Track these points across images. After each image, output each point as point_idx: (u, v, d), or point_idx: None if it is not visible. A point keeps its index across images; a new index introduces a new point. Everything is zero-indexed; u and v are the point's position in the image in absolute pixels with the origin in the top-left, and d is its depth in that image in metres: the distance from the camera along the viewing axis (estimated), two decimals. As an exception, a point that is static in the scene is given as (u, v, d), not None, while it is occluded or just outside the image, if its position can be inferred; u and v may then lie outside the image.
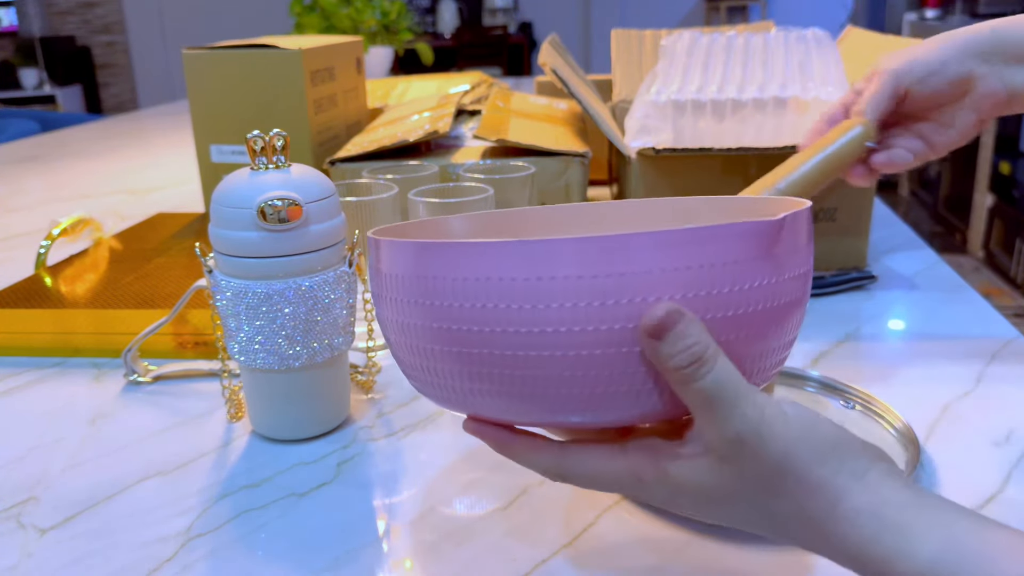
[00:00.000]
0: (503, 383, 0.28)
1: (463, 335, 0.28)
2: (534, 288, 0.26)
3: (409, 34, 1.77)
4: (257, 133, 0.42)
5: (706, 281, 0.26)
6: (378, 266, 0.31)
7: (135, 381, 0.54)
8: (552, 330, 0.26)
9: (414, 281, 0.29)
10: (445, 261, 0.28)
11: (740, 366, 0.27)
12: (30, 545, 0.38)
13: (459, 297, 0.27)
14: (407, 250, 0.29)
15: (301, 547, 0.37)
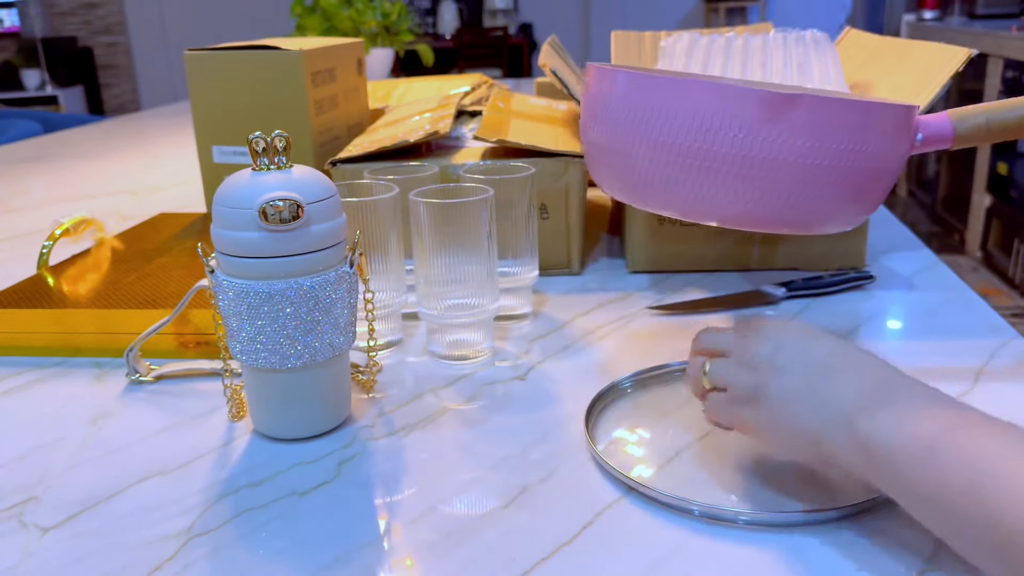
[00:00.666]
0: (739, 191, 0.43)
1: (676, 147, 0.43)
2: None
3: (410, 35, 1.78)
4: (259, 134, 0.43)
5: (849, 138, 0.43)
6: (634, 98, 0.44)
7: (137, 381, 0.54)
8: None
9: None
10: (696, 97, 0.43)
11: (850, 201, 0.45)
12: (31, 544, 0.38)
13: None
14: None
15: (302, 546, 0.38)
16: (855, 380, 0.36)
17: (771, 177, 0.42)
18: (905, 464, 0.32)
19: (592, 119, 0.48)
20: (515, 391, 0.52)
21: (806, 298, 0.65)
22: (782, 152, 0.41)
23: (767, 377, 0.37)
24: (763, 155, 0.41)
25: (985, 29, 2.65)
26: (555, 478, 0.42)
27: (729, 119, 0.41)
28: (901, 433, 0.33)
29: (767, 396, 0.37)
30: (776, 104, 0.41)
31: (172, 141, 1.49)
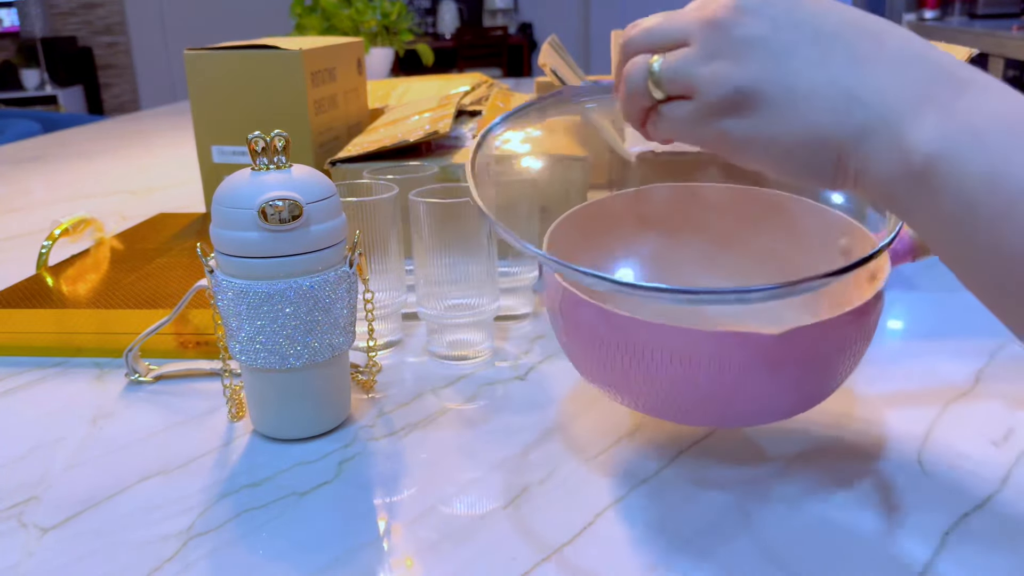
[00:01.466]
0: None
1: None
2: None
3: (409, 35, 1.78)
4: (258, 134, 0.42)
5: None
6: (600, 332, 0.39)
7: (136, 381, 0.54)
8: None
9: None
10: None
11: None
12: (31, 544, 0.38)
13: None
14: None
15: (302, 546, 0.38)
16: (900, 65, 0.25)
17: (774, 405, 0.39)
18: (987, 207, 0.23)
19: (557, 320, 0.42)
20: (515, 391, 0.51)
21: (807, 298, 0.64)
22: (780, 388, 0.38)
23: (763, 67, 0.26)
24: (764, 393, 0.38)
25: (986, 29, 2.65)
26: (555, 478, 0.42)
27: (709, 364, 0.36)
28: (985, 158, 0.23)
29: (765, 95, 0.26)
30: (769, 350, 0.36)
31: (172, 141, 1.49)
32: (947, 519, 0.38)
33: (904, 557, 0.35)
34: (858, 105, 0.26)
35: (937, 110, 0.25)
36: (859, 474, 0.42)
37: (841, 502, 0.39)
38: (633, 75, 0.30)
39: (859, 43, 0.26)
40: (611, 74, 0.96)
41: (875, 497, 0.40)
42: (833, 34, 0.26)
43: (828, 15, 0.27)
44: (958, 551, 0.36)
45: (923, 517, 0.38)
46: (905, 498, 0.39)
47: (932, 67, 0.26)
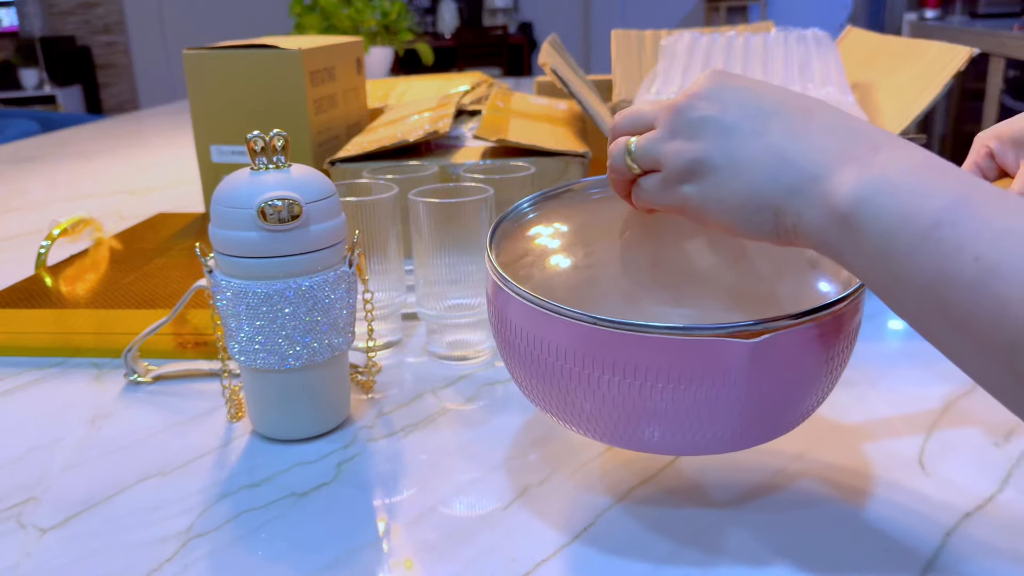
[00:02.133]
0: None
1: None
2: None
3: (409, 34, 1.77)
4: (257, 133, 0.42)
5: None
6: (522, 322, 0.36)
7: (135, 381, 0.54)
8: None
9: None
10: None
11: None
12: (30, 545, 0.38)
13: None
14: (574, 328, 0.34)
15: (301, 547, 0.38)
16: (825, 133, 0.30)
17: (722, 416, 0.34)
18: (901, 242, 0.26)
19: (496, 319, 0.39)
20: (515, 392, 0.51)
21: (807, 298, 0.64)
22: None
23: (713, 141, 0.31)
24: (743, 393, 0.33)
25: (987, 28, 2.65)
26: (555, 479, 0.42)
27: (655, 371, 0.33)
28: (897, 201, 0.27)
29: (713, 163, 0.31)
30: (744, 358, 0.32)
31: (171, 141, 1.49)
32: (948, 519, 0.38)
33: (906, 556, 0.35)
34: (789, 167, 0.30)
35: (856, 165, 0.29)
36: (859, 474, 0.41)
37: (842, 501, 0.39)
38: (615, 155, 0.36)
39: (792, 118, 0.31)
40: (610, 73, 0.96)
41: (876, 497, 0.39)
42: (772, 112, 0.31)
43: (768, 96, 0.32)
44: (960, 551, 0.36)
45: (924, 517, 0.38)
46: (906, 498, 0.39)
47: (852, 133, 0.30)
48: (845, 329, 0.35)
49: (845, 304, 0.34)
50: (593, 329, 0.33)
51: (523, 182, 0.59)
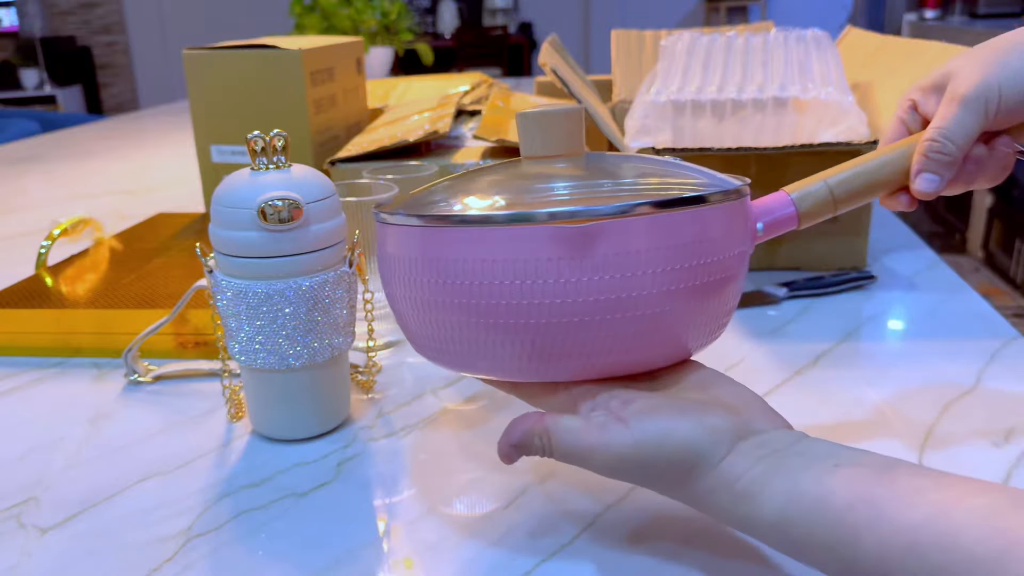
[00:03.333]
0: (505, 346, 0.34)
1: (472, 308, 0.33)
2: (520, 268, 0.32)
3: (409, 34, 1.77)
4: (257, 133, 0.42)
5: (672, 257, 0.33)
6: (386, 250, 0.36)
7: (135, 381, 0.54)
8: (537, 302, 0.32)
9: (428, 263, 0.34)
10: (455, 245, 0.33)
11: (698, 325, 0.35)
12: (30, 545, 0.38)
13: (473, 276, 0.33)
14: (416, 235, 0.34)
15: (301, 547, 0.38)
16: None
17: (588, 324, 0.32)
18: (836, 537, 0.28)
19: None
20: (515, 391, 0.51)
21: (807, 298, 0.64)
22: (594, 293, 0.32)
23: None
24: (575, 299, 0.32)
25: (987, 28, 2.65)
26: (555, 479, 0.42)
27: (521, 266, 0.32)
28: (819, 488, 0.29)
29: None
30: (572, 241, 0.32)
31: (171, 141, 1.49)
32: (948, 519, 0.38)
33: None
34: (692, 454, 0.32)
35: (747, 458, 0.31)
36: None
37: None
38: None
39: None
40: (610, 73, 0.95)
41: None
42: None
43: None
44: (959, 551, 0.36)
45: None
46: (906, 498, 0.39)
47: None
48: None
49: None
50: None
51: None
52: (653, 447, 0.31)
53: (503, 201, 0.36)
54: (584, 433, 0.32)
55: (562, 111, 0.37)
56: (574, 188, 0.36)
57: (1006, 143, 0.40)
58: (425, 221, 0.34)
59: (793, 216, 0.39)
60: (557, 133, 0.37)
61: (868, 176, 0.40)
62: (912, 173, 0.39)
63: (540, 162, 0.38)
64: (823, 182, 0.39)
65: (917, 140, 0.39)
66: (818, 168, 0.42)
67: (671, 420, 0.32)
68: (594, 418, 0.33)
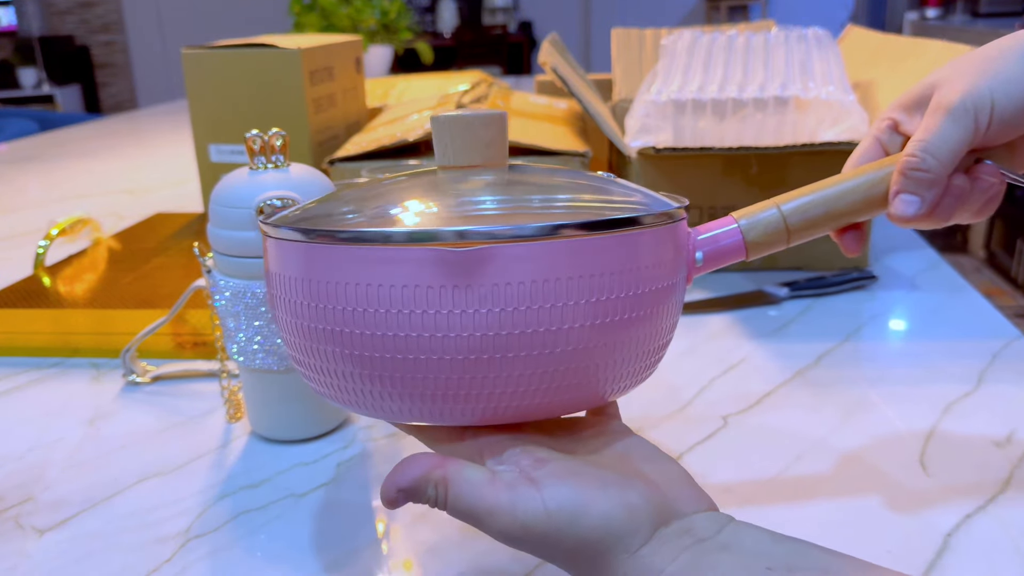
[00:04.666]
0: (385, 382, 0.29)
1: (344, 337, 0.29)
2: (397, 295, 0.27)
3: (408, 33, 1.77)
4: (256, 132, 0.42)
5: (577, 290, 0.28)
6: (267, 266, 0.32)
7: (134, 381, 0.54)
8: (416, 335, 0.28)
9: (301, 282, 0.29)
10: (326, 264, 0.28)
11: (613, 367, 0.30)
12: (28, 546, 0.38)
13: (339, 301, 0.28)
14: (293, 251, 0.30)
15: (300, 548, 0.37)
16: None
17: (478, 362, 0.28)
18: None
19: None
20: (515, 391, 0.51)
21: (808, 298, 0.64)
22: (483, 328, 0.27)
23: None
24: (460, 334, 0.27)
25: (988, 27, 2.65)
26: (556, 480, 0.42)
27: (399, 293, 0.27)
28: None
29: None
30: (457, 266, 0.27)
31: (169, 140, 1.48)
32: (950, 520, 0.38)
33: (908, 558, 0.35)
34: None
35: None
36: (861, 475, 0.41)
37: (843, 503, 0.39)
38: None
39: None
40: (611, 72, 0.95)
41: (877, 498, 0.39)
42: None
43: None
44: (961, 552, 0.35)
45: (926, 518, 0.38)
46: (907, 499, 0.39)
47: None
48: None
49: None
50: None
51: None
52: (565, 521, 0.27)
53: (399, 217, 0.30)
54: (487, 489, 0.28)
55: (480, 116, 0.33)
56: (480, 205, 0.31)
57: (990, 171, 0.34)
58: (304, 236, 0.29)
59: (740, 246, 0.34)
60: (473, 141, 0.33)
61: (828, 204, 0.34)
62: (891, 194, 0.34)
63: (454, 173, 0.33)
64: (776, 208, 0.34)
65: (892, 163, 0.34)
66: (819, 167, 0.41)
67: (589, 492, 0.27)
68: (502, 474, 0.28)
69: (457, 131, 0.33)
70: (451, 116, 0.33)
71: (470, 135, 0.33)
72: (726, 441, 0.45)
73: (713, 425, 0.46)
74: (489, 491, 0.28)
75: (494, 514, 0.28)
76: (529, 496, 0.27)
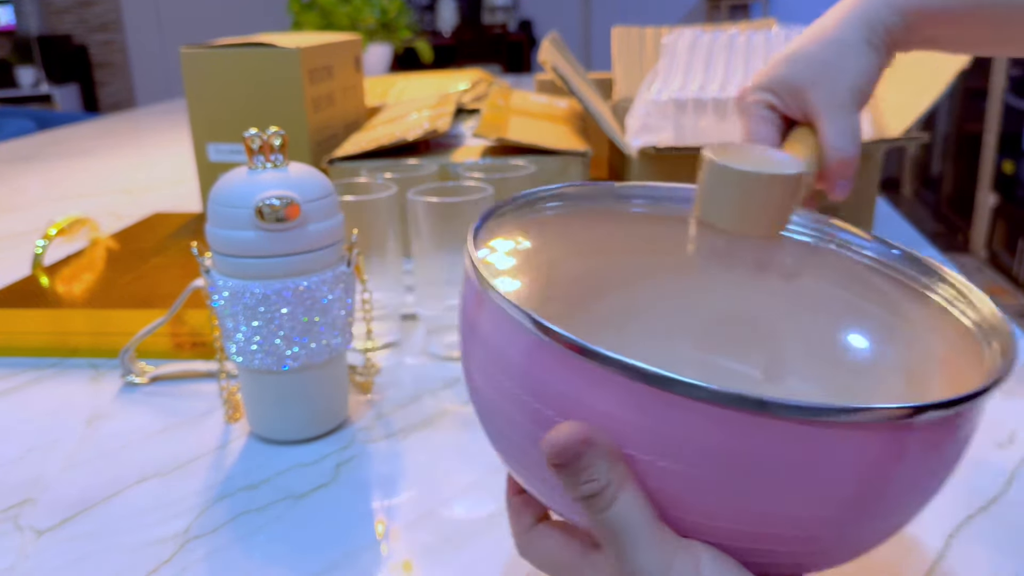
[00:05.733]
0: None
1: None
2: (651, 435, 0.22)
3: (408, 32, 1.77)
4: (254, 132, 0.42)
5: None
6: (485, 330, 0.27)
7: (132, 382, 0.54)
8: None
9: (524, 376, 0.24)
10: (560, 373, 0.23)
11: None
12: (27, 547, 0.38)
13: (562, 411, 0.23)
14: (529, 343, 0.24)
15: (299, 549, 0.37)
16: None
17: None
18: None
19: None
20: (515, 392, 0.51)
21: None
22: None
23: None
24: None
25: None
26: (556, 480, 0.42)
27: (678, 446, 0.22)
28: None
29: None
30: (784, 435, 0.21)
31: (167, 139, 1.48)
32: (952, 521, 0.37)
33: (909, 558, 0.35)
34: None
35: None
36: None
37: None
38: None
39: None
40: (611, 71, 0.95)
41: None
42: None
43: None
44: (963, 553, 0.35)
45: (927, 519, 0.38)
46: (909, 500, 0.39)
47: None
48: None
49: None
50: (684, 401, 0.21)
51: (523, 181, 0.59)
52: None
53: (666, 327, 0.25)
54: (654, 520, 0.24)
55: (778, 176, 0.27)
56: (764, 318, 0.25)
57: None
58: (542, 333, 0.23)
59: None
60: (763, 204, 0.27)
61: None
62: (834, 184, 0.38)
63: (721, 239, 0.28)
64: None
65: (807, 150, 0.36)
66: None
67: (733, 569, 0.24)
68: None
69: (748, 189, 0.28)
70: (743, 171, 0.27)
71: (762, 196, 0.28)
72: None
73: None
74: (658, 524, 0.24)
75: (654, 549, 0.23)
76: (687, 550, 0.24)
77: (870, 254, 0.33)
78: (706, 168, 0.29)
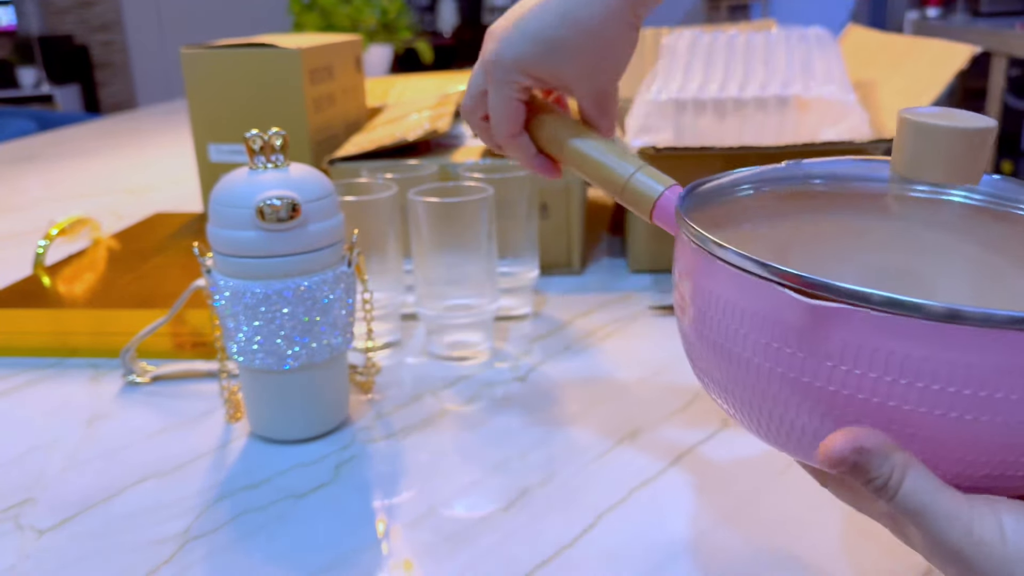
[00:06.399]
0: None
1: (827, 396, 0.25)
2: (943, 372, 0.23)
3: (408, 32, 1.77)
4: (255, 132, 0.42)
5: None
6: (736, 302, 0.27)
7: (133, 382, 0.54)
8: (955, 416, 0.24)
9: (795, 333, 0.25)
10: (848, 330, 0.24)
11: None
12: (28, 546, 0.38)
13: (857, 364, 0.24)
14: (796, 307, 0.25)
15: (300, 548, 0.37)
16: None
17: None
18: None
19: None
20: (515, 392, 0.51)
21: (808, 297, 0.64)
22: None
23: None
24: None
25: (989, 27, 2.65)
26: (555, 481, 0.42)
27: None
28: None
29: None
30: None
31: (169, 139, 1.48)
32: (951, 521, 0.37)
33: (909, 558, 0.35)
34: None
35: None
36: (862, 475, 0.41)
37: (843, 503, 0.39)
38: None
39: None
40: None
41: (878, 499, 0.39)
42: None
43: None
44: (963, 554, 0.35)
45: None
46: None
47: None
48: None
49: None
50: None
51: (523, 181, 0.59)
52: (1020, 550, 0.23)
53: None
54: (948, 492, 0.24)
55: (981, 130, 0.30)
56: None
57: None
58: (808, 287, 0.24)
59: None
60: (966, 156, 0.30)
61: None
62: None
63: (924, 190, 0.31)
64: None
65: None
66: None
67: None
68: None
69: (948, 143, 0.30)
70: (942, 126, 0.30)
71: (960, 147, 0.30)
72: (726, 441, 0.45)
73: (713, 425, 0.46)
74: (949, 494, 0.24)
75: (951, 520, 0.24)
76: (987, 513, 0.24)
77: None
78: (910, 129, 0.31)
